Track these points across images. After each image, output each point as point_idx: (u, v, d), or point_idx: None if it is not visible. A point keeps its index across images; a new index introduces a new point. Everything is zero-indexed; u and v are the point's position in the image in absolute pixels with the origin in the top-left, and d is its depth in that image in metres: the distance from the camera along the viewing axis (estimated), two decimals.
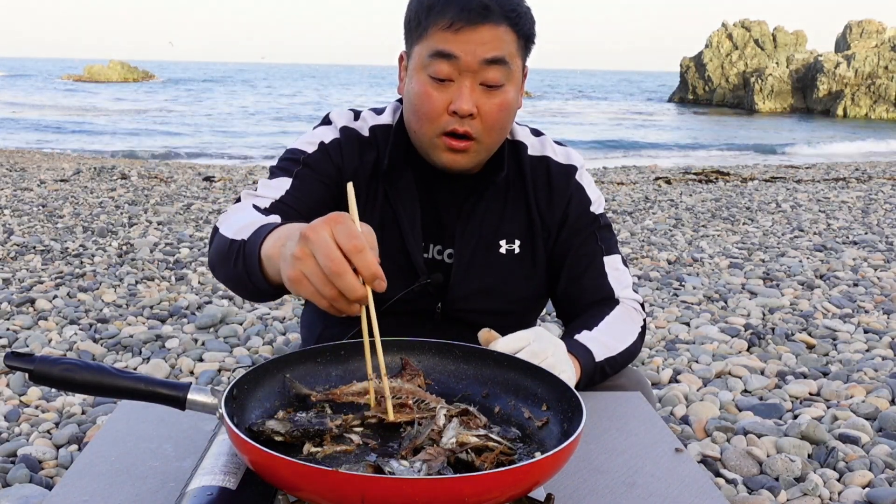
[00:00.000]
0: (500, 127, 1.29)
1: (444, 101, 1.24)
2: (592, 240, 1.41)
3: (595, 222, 1.42)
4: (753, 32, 39.47)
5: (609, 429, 1.15)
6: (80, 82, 50.08)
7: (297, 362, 1.07)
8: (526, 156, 1.40)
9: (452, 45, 1.21)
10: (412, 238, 1.36)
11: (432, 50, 1.23)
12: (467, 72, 1.23)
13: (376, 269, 0.83)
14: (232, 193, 7.99)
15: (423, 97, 1.25)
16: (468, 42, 1.21)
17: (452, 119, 1.25)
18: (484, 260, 1.38)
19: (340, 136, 1.38)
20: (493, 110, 1.26)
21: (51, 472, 2.28)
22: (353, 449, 0.94)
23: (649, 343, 3.50)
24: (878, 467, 2.32)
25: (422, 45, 1.25)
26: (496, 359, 1.10)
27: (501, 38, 1.23)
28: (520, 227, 1.39)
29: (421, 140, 1.31)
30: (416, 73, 1.27)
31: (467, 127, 1.25)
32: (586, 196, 1.42)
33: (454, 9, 1.20)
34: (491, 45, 1.22)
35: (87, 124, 22.42)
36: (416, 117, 1.28)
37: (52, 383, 0.94)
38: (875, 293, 4.35)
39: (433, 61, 1.23)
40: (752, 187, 9.23)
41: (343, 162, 1.36)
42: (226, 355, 3.27)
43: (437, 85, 1.24)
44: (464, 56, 1.21)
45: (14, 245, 5.19)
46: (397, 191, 1.36)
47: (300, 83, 62.25)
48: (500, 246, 1.39)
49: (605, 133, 23.34)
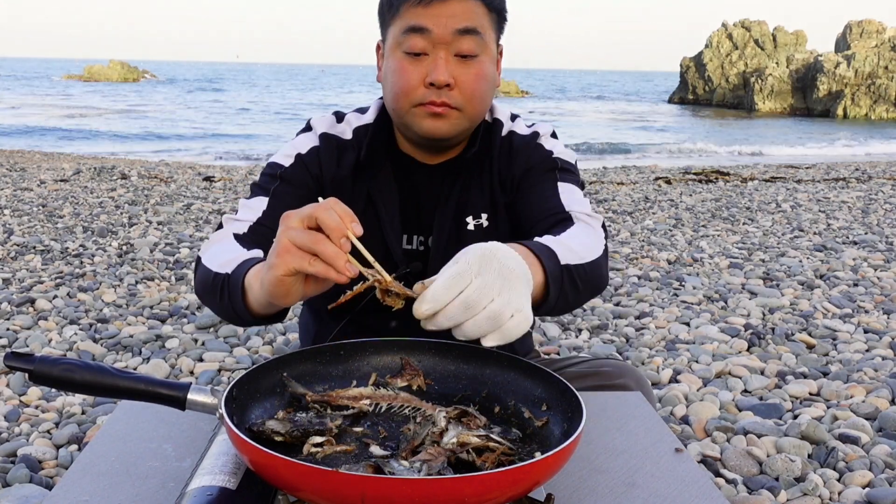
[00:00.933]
0: (479, 96, 1.29)
1: (421, 74, 1.26)
2: (549, 174, 1.38)
3: (553, 163, 1.39)
4: (753, 32, 39.47)
5: (609, 429, 1.15)
6: (81, 82, 50.09)
7: (297, 362, 1.07)
8: (498, 135, 1.42)
9: (424, 18, 1.24)
10: (391, 230, 1.37)
11: (405, 26, 1.25)
12: (441, 43, 1.25)
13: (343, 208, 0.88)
14: (232, 193, 7.99)
15: (399, 72, 1.27)
16: (439, 14, 1.23)
17: (430, 91, 1.26)
18: (456, 241, 1.38)
19: (319, 144, 1.40)
20: (470, 80, 1.27)
21: (51, 472, 2.28)
22: (353, 449, 0.94)
23: (649, 343, 3.50)
24: (878, 467, 2.32)
25: (395, 24, 1.28)
26: (496, 359, 1.09)
27: (472, 10, 1.25)
28: (484, 201, 1.39)
29: (400, 113, 1.31)
30: (391, 53, 1.29)
31: (445, 98, 1.26)
32: (546, 150, 1.41)
33: None
34: (462, 17, 1.24)
35: (88, 124, 22.42)
36: (394, 93, 1.30)
37: (52, 383, 0.94)
38: (875, 293, 4.35)
39: (407, 37, 1.25)
40: (752, 187, 9.23)
41: (321, 170, 1.38)
42: (226, 355, 3.27)
43: (412, 59, 1.26)
44: (436, 28, 1.24)
45: (14, 245, 5.19)
46: (376, 184, 1.37)
47: (305, 82, 62.24)
48: (468, 223, 1.39)
49: (605, 134, 23.34)
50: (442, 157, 1.39)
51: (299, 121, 25.72)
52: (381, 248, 1.36)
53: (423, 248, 1.40)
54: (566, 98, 47.47)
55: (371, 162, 1.37)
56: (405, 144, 1.39)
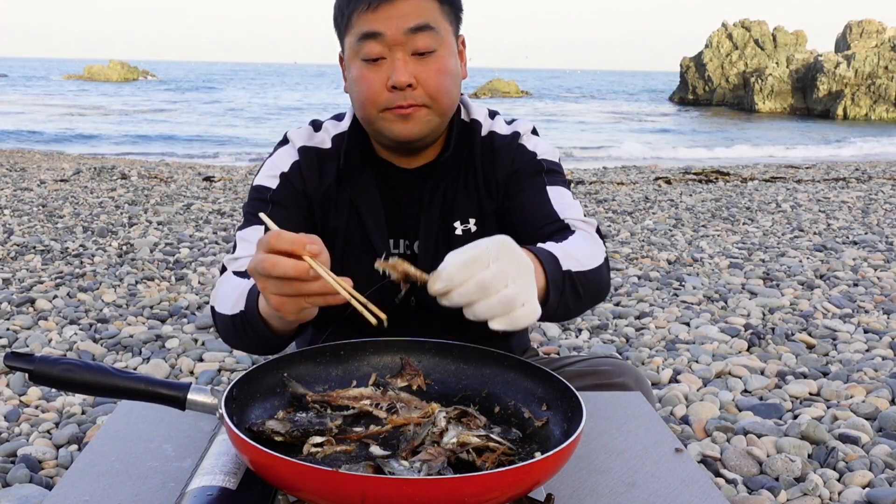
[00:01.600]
0: (444, 90, 1.29)
1: (382, 79, 1.25)
2: (536, 177, 1.38)
3: (539, 165, 1.39)
4: (753, 32, 39.46)
5: (609, 429, 1.15)
6: (81, 81, 50.10)
7: (297, 362, 1.07)
8: (478, 136, 1.41)
9: (374, 23, 1.23)
10: (377, 236, 1.37)
11: (359, 34, 1.25)
12: (396, 45, 1.24)
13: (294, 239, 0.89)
14: (232, 193, 7.99)
15: (360, 80, 1.27)
16: (389, 17, 1.23)
17: (394, 94, 1.26)
18: (444, 245, 1.37)
19: (299, 158, 1.39)
20: (432, 76, 1.26)
21: (51, 472, 2.28)
22: (353, 449, 0.94)
23: (649, 343, 3.51)
24: (878, 467, 2.32)
25: (349, 34, 1.28)
26: (496, 359, 1.09)
27: (421, 6, 1.25)
28: (471, 206, 1.38)
29: (370, 122, 1.31)
30: (351, 62, 1.29)
31: (410, 99, 1.26)
32: (530, 151, 1.41)
33: None
34: (412, 15, 1.24)
35: (87, 125, 22.42)
36: (360, 101, 1.30)
37: (52, 383, 0.94)
38: (875, 293, 4.35)
39: (362, 44, 1.25)
40: (752, 187, 9.23)
41: (305, 184, 1.38)
42: (226, 355, 3.27)
43: (371, 66, 1.26)
44: (388, 31, 1.23)
45: (14, 245, 5.19)
46: (358, 191, 1.37)
47: (308, 82, 62.26)
48: (456, 228, 1.38)
49: (603, 134, 23.34)
50: (420, 160, 1.39)
51: (299, 121, 25.71)
52: (369, 255, 1.33)
53: (409, 252, 1.39)
54: (566, 98, 47.47)
55: (351, 170, 1.37)
56: (382, 150, 1.39)
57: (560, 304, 1.12)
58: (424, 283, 0.92)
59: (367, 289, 1.31)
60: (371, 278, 1.32)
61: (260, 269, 0.91)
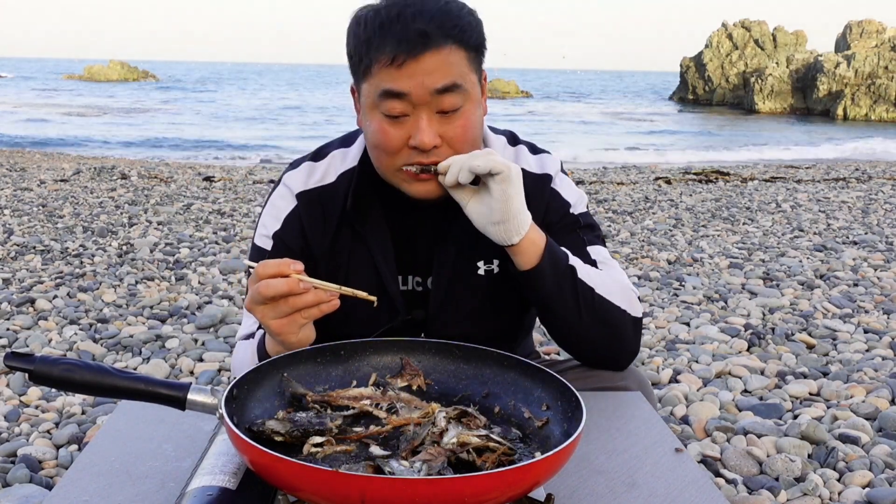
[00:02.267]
0: (468, 148, 1.22)
1: (403, 136, 1.19)
2: (573, 237, 1.35)
3: (576, 223, 1.37)
4: (753, 32, 39.46)
5: (609, 429, 1.15)
6: (81, 81, 50.10)
7: (297, 362, 1.07)
8: None
9: (399, 81, 1.15)
10: (387, 273, 1.32)
11: (380, 89, 1.17)
12: (421, 105, 1.17)
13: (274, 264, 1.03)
14: (232, 193, 7.99)
15: (380, 135, 1.20)
16: (414, 75, 1.15)
17: (415, 152, 1.19)
18: (463, 284, 1.34)
19: (298, 204, 1.34)
20: (458, 134, 1.20)
21: (51, 472, 2.28)
22: (353, 449, 0.94)
23: (649, 343, 3.50)
24: (878, 467, 2.32)
25: (369, 83, 1.20)
26: (496, 359, 1.10)
27: (449, 60, 1.17)
28: (497, 246, 1.26)
29: (386, 175, 1.27)
30: (369, 112, 1.22)
31: (434, 157, 1.20)
32: (563, 200, 1.37)
33: (392, 41, 1.14)
34: (440, 73, 1.16)
35: (88, 125, 22.42)
36: (377, 154, 1.25)
37: (52, 383, 0.94)
38: (875, 293, 4.35)
39: (383, 100, 1.18)
40: (752, 187, 9.23)
41: (305, 230, 1.33)
42: (226, 355, 3.26)
43: (392, 122, 1.19)
44: (413, 90, 1.16)
45: (14, 245, 5.19)
46: (367, 228, 1.32)
47: (308, 83, 62.26)
48: (479, 268, 1.34)
49: (604, 134, 23.34)
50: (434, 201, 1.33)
51: (299, 120, 25.57)
52: (378, 290, 1.28)
53: (420, 288, 1.36)
54: (566, 98, 47.47)
55: (359, 208, 1.32)
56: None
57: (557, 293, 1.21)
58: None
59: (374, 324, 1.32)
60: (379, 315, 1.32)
61: (256, 296, 1.02)
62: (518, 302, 1.38)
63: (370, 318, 1.29)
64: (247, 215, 6.60)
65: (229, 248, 5.27)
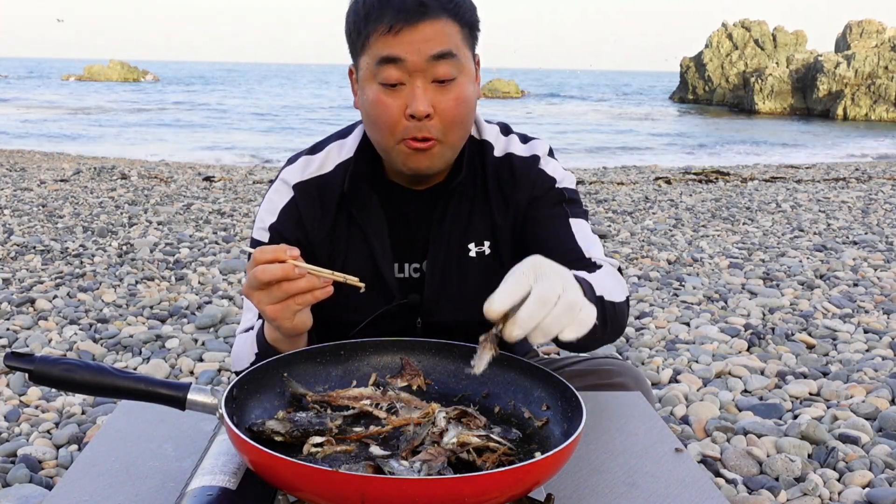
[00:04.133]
0: (460, 121, 1.26)
1: (400, 106, 1.22)
2: (558, 207, 1.37)
3: (560, 195, 1.38)
4: (753, 32, 39.46)
5: (609, 429, 1.15)
6: (81, 82, 50.10)
7: (297, 362, 1.07)
8: (491, 157, 1.38)
9: (396, 47, 1.19)
10: (383, 259, 1.34)
11: (377, 57, 1.21)
12: (417, 72, 1.20)
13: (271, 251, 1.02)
14: (232, 193, 7.99)
15: (377, 106, 1.23)
16: (411, 42, 1.19)
17: (411, 124, 1.22)
18: (456, 267, 1.36)
19: (295, 195, 1.36)
20: (451, 106, 1.23)
21: (51, 472, 2.28)
22: (353, 449, 0.94)
23: (649, 343, 3.50)
24: (878, 467, 2.32)
25: (366, 54, 1.23)
26: (496, 359, 1.09)
27: (444, 31, 1.20)
28: (487, 228, 1.36)
29: (384, 149, 1.28)
30: (367, 84, 1.24)
31: (426, 132, 1.22)
32: (549, 176, 1.39)
33: (391, 11, 1.18)
34: (435, 41, 1.20)
35: (87, 125, 22.43)
36: (376, 127, 1.26)
37: (52, 383, 0.94)
38: (875, 293, 4.35)
39: (381, 68, 1.21)
40: (752, 187, 9.23)
41: (303, 220, 1.35)
42: (226, 355, 3.26)
43: (389, 91, 1.22)
44: (409, 56, 1.19)
45: (14, 245, 5.19)
46: (364, 214, 1.34)
47: (309, 83, 62.26)
48: (470, 250, 1.36)
49: (604, 134, 23.34)
50: (430, 183, 1.37)
51: (299, 120, 25.57)
52: (375, 277, 1.34)
53: (417, 274, 1.37)
54: (566, 98, 47.47)
55: (356, 194, 1.34)
56: (392, 173, 1.36)
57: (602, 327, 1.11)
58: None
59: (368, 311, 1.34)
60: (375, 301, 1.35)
61: (252, 280, 1.03)
62: None
63: (366, 305, 1.32)
64: (247, 215, 6.60)
65: (229, 248, 5.27)
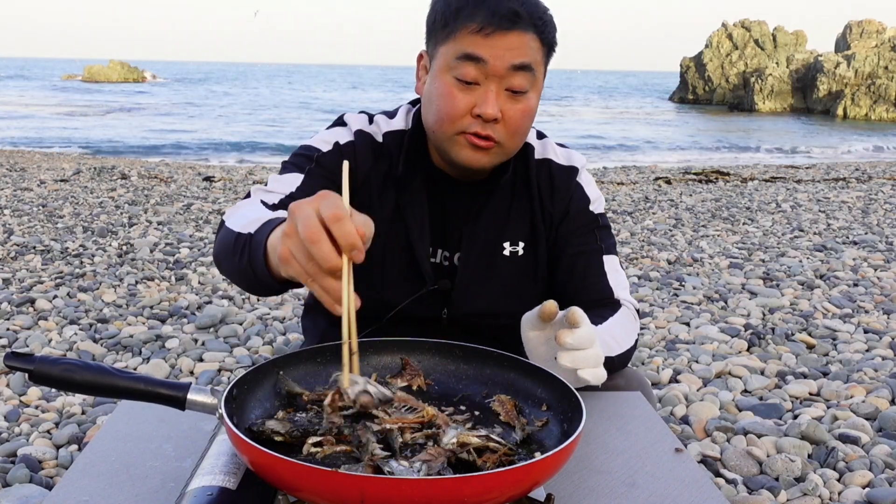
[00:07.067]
0: (521, 132, 1.30)
1: (469, 103, 1.24)
2: (591, 238, 1.42)
3: (594, 221, 1.43)
4: (753, 32, 39.47)
5: (609, 429, 1.15)
6: (81, 82, 50.10)
7: (297, 362, 1.07)
8: (533, 159, 1.41)
9: (482, 48, 1.22)
10: (420, 244, 1.35)
11: (460, 52, 1.23)
12: (494, 76, 1.23)
13: (354, 238, 0.81)
14: (232, 193, 7.99)
15: (447, 98, 1.25)
16: (497, 47, 1.21)
17: (475, 122, 1.25)
18: (488, 263, 1.38)
19: (355, 139, 1.38)
20: (517, 116, 1.26)
21: (51, 472, 2.28)
22: (352, 449, 0.94)
23: (649, 343, 3.50)
24: (878, 467, 2.32)
25: (448, 46, 1.25)
26: (496, 359, 1.09)
27: (528, 44, 1.24)
28: (523, 229, 1.39)
29: (440, 137, 1.30)
30: (440, 74, 1.26)
31: (490, 131, 1.25)
32: (586, 195, 1.43)
33: (485, 13, 1.21)
34: (519, 52, 1.23)
35: (88, 125, 22.43)
36: (438, 117, 1.28)
37: (52, 383, 0.94)
38: (875, 293, 4.35)
39: (460, 63, 1.23)
40: (752, 187, 9.23)
41: (357, 164, 1.36)
42: (226, 355, 3.26)
43: (462, 87, 1.24)
44: (492, 60, 1.22)
45: (14, 245, 5.18)
46: (407, 197, 1.36)
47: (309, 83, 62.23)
48: (504, 248, 1.39)
49: (604, 134, 23.33)
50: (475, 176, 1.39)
51: (299, 121, 25.60)
52: (409, 259, 1.36)
53: (447, 263, 1.39)
54: (566, 97, 47.46)
55: (405, 173, 1.36)
56: (437, 159, 1.38)
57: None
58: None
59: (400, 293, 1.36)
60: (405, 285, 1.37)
61: (302, 229, 0.83)
62: (538, 287, 1.43)
63: (399, 284, 1.35)
64: None
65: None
